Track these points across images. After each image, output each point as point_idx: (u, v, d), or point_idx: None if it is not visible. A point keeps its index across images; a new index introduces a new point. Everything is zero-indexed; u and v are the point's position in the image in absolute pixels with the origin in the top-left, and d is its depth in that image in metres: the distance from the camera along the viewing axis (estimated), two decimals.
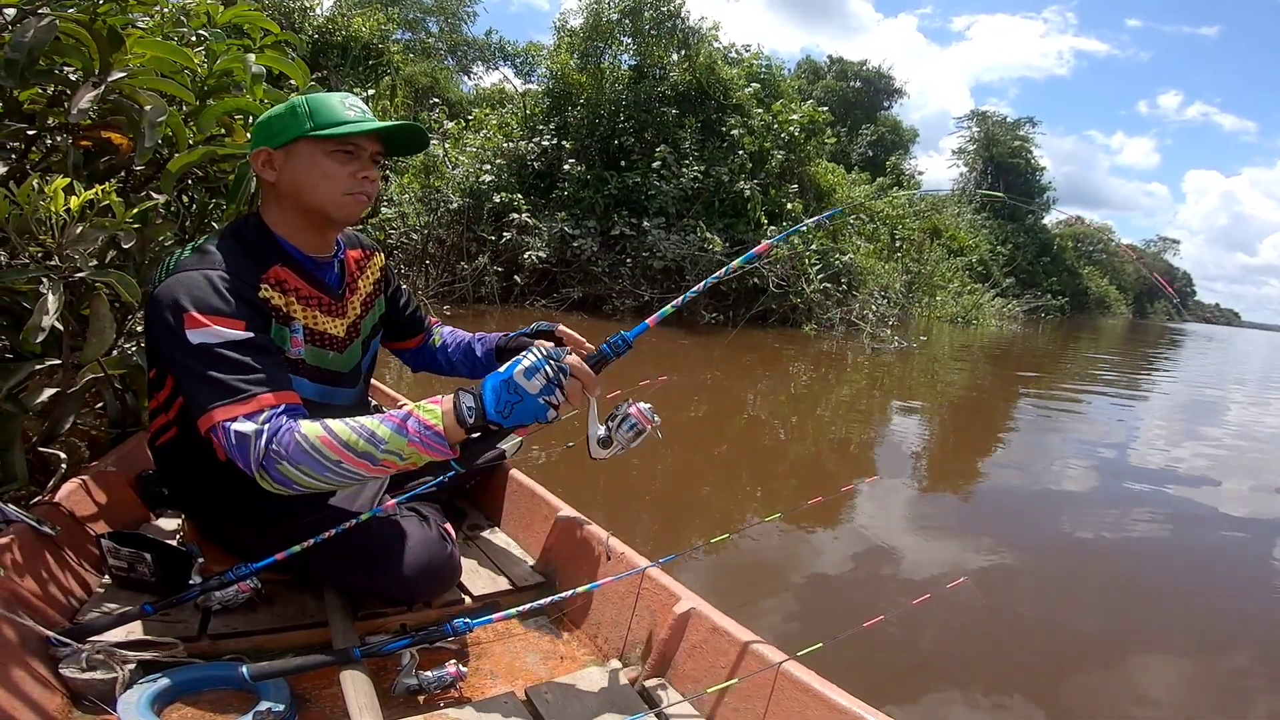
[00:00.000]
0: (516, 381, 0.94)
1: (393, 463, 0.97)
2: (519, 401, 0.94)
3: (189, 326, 0.99)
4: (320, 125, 1.08)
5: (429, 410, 0.97)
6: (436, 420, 0.96)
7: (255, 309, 1.06)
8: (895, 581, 2.53)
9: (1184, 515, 3.69)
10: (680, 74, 11.55)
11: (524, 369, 0.95)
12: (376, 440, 0.96)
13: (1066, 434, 5.64)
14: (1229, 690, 2.07)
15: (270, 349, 1.07)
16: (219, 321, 1.00)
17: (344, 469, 0.96)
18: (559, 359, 0.96)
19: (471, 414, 0.95)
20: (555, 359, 0.95)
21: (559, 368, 0.95)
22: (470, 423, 0.95)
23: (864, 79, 33.17)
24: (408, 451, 0.96)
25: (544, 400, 0.95)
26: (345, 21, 14.71)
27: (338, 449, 0.95)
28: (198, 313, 0.99)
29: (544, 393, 0.94)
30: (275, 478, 0.96)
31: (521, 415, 0.95)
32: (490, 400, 0.95)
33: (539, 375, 0.94)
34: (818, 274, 11.05)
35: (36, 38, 1.05)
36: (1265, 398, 9.77)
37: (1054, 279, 32.02)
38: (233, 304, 1.02)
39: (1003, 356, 12.05)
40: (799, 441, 4.74)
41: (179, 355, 1.01)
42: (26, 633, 0.97)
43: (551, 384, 0.95)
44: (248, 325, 1.03)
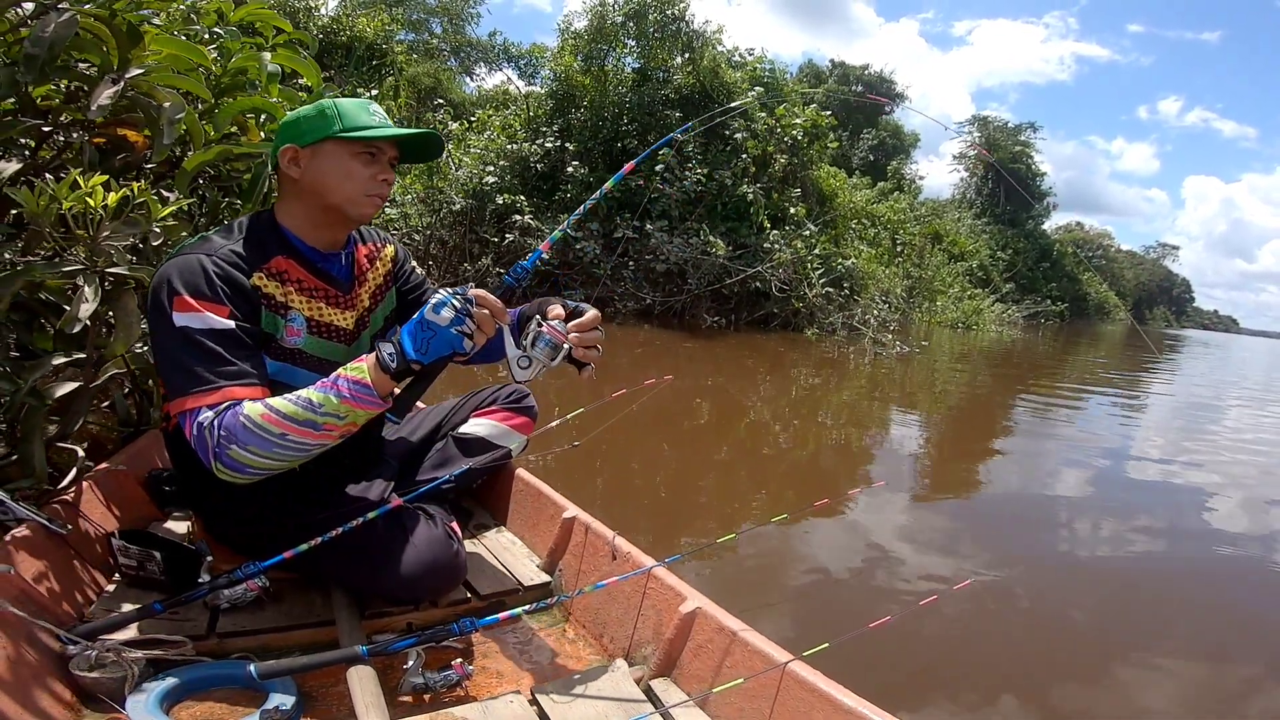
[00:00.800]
0: (428, 319, 1.00)
1: (333, 424, 1.02)
2: (433, 336, 1.00)
3: (176, 309, 1.03)
4: (348, 128, 1.14)
5: (355, 368, 1.02)
6: (363, 374, 1.01)
7: (244, 296, 1.09)
8: (901, 583, 2.53)
9: (1185, 523, 3.69)
10: (684, 77, 11.56)
11: (432, 306, 1.00)
12: (314, 406, 1.00)
13: (1067, 441, 5.65)
14: (1231, 695, 2.07)
15: (250, 342, 1.09)
16: (206, 306, 1.04)
17: (289, 441, 1.00)
18: (464, 292, 1.02)
19: (393, 359, 1.00)
20: (460, 292, 1.01)
21: (465, 299, 1.01)
22: (394, 368, 1.00)
23: (866, 83, 33.22)
24: (344, 410, 1.01)
25: (456, 330, 1.00)
26: (350, 22, 14.74)
27: (279, 422, 0.99)
28: (186, 295, 1.03)
29: (455, 323, 1.00)
30: (228, 464, 1.00)
31: (439, 348, 1.00)
32: (408, 342, 1.01)
33: (447, 308, 1.00)
34: (820, 278, 11.05)
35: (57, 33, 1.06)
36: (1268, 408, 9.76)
37: (1054, 285, 32.01)
38: (221, 289, 1.06)
39: (1003, 362, 12.05)
40: (804, 445, 4.75)
41: (162, 336, 1.05)
42: (36, 631, 0.98)
43: (460, 314, 1.00)
44: (233, 312, 1.06)
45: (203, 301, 1.04)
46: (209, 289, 1.05)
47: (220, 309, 1.05)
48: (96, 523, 1.30)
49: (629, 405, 1.48)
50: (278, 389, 1.15)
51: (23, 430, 1.17)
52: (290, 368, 1.18)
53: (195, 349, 1.02)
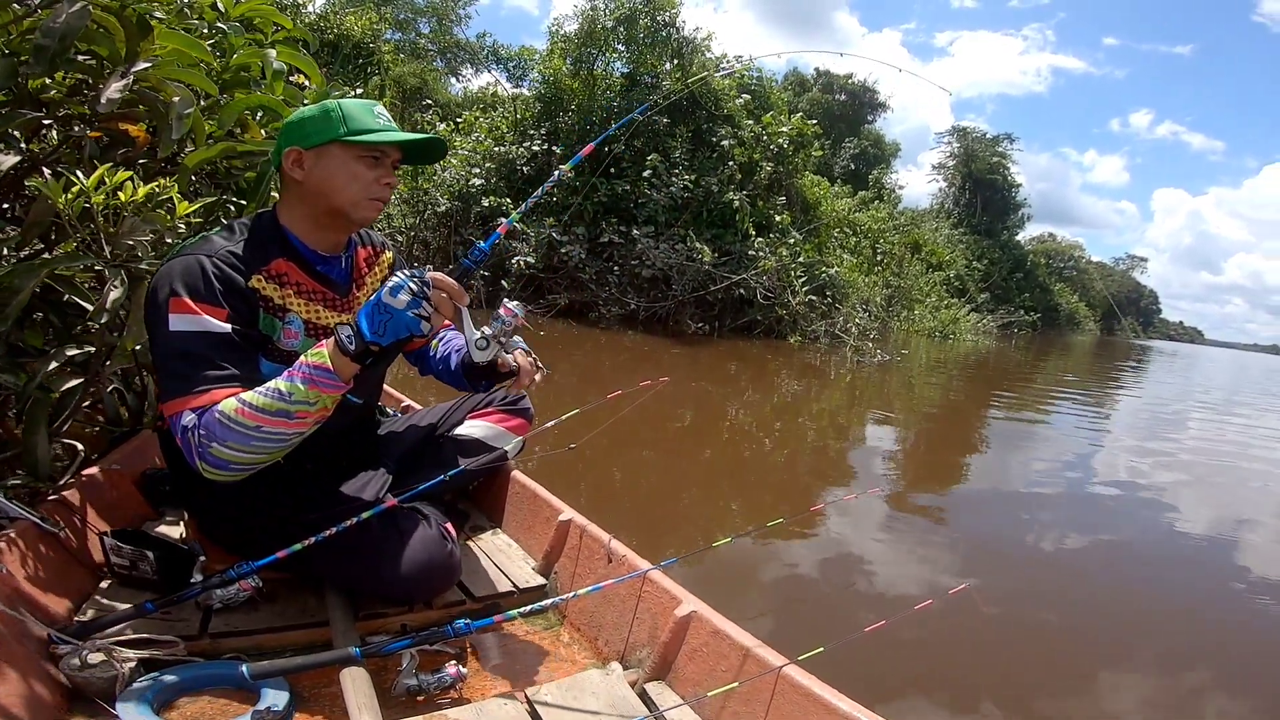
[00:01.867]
0: (385, 301, 1.00)
1: (305, 412, 1.02)
2: (390, 318, 1.00)
3: (172, 310, 1.03)
4: (354, 131, 1.13)
5: (316, 352, 1.03)
6: (323, 359, 1.02)
7: (242, 298, 1.09)
8: (896, 587, 2.57)
9: (1166, 530, 3.80)
10: (673, 83, 11.62)
11: (389, 288, 1.00)
12: (284, 395, 1.01)
13: (1049, 449, 5.77)
14: (1197, 699, 2.13)
15: (245, 345, 1.09)
16: (203, 308, 1.04)
17: (265, 433, 1.01)
18: (421, 274, 1.02)
19: (351, 341, 1.01)
20: (418, 275, 1.02)
21: (422, 281, 1.01)
22: (352, 350, 1.01)
23: (849, 92, 33.68)
24: (312, 396, 1.02)
25: (413, 313, 1.00)
26: (337, 20, 14.60)
27: (253, 414, 1.00)
28: (184, 296, 1.03)
29: (411, 305, 1.00)
30: (211, 462, 1.01)
31: (396, 329, 1.00)
32: (365, 324, 1.01)
33: (404, 291, 1.00)
34: (803, 286, 11.17)
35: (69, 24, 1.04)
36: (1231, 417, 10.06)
37: (1026, 295, 32.65)
38: (218, 291, 1.06)
39: (980, 371, 12.27)
40: (795, 451, 4.79)
41: (157, 338, 1.05)
42: (28, 630, 0.97)
43: (417, 297, 1.00)
44: (230, 315, 1.07)
45: (200, 303, 1.04)
46: (206, 290, 1.05)
47: (217, 311, 1.05)
48: (89, 522, 1.28)
49: (625, 407, 1.49)
50: None
51: (27, 424, 1.15)
52: None
53: (188, 352, 1.02)
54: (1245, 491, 5.04)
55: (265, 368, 1.14)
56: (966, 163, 33.76)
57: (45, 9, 1.10)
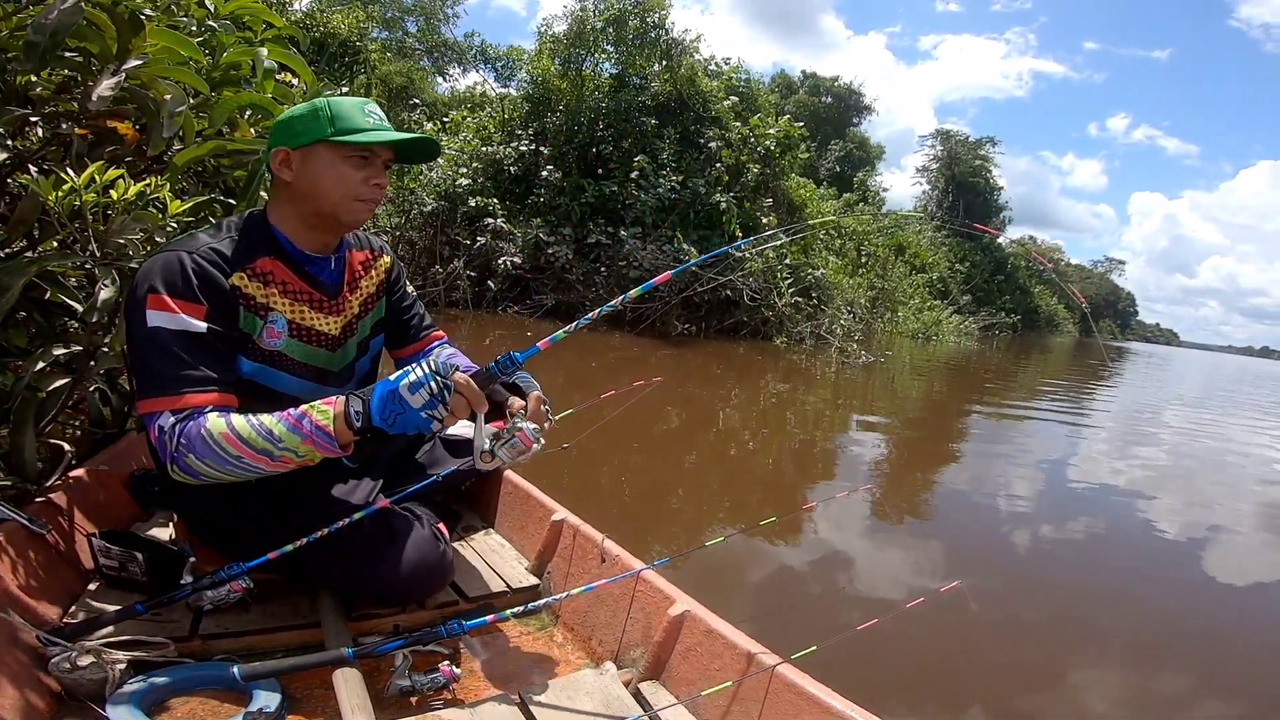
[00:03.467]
0: (401, 395, 0.98)
1: (289, 459, 1.01)
2: (402, 413, 0.98)
3: (150, 306, 1.02)
4: (341, 131, 1.11)
5: (322, 411, 1.01)
6: (328, 422, 1.00)
7: (221, 295, 1.08)
8: (888, 586, 2.59)
9: (1159, 524, 3.88)
10: (661, 84, 11.66)
11: (409, 384, 0.98)
12: (274, 439, 1.00)
13: (1033, 447, 5.86)
14: (1178, 699, 2.18)
15: (221, 344, 1.08)
16: (181, 306, 1.03)
17: (244, 464, 1.00)
18: (445, 374, 0.99)
19: (359, 418, 0.99)
20: (442, 375, 0.98)
21: (444, 384, 0.98)
22: (357, 426, 1.00)
23: (835, 95, 33.97)
24: (303, 450, 1.01)
25: (427, 414, 0.98)
26: (324, 18, 14.46)
27: (238, 445, 0.99)
28: (162, 293, 1.03)
29: (427, 407, 0.97)
30: (183, 468, 1.01)
31: (405, 425, 0.99)
32: (376, 408, 0.99)
33: (423, 391, 0.97)
34: (789, 288, 11.25)
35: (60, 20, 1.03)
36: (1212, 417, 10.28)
37: (1007, 297, 33.13)
38: (197, 288, 1.05)
39: (963, 372, 12.42)
40: (784, 451, 4.82)
41: (135, 335, 1.04)
42: (16, 631, 0.95)
43: (435, 400, 0.97)
44: (209, 312, 1.05)
45: (178, 300, 1.03)
46: (185, 287, 1.04)
47: (195, 308, 1.04)
48: (78, 523, 1.26)
49: (619, 407, 1.50)
50: (254, 390, 1.14)
51: (14, 423, 1.13)
52: (268, 369, 1.17)
53: (164, 351, 1.02)
54: (1225, 488, 5.15)
55: (245, 366, 1.14)
56: (949, 165, 34.19)
57: (36, 5, 1.09)
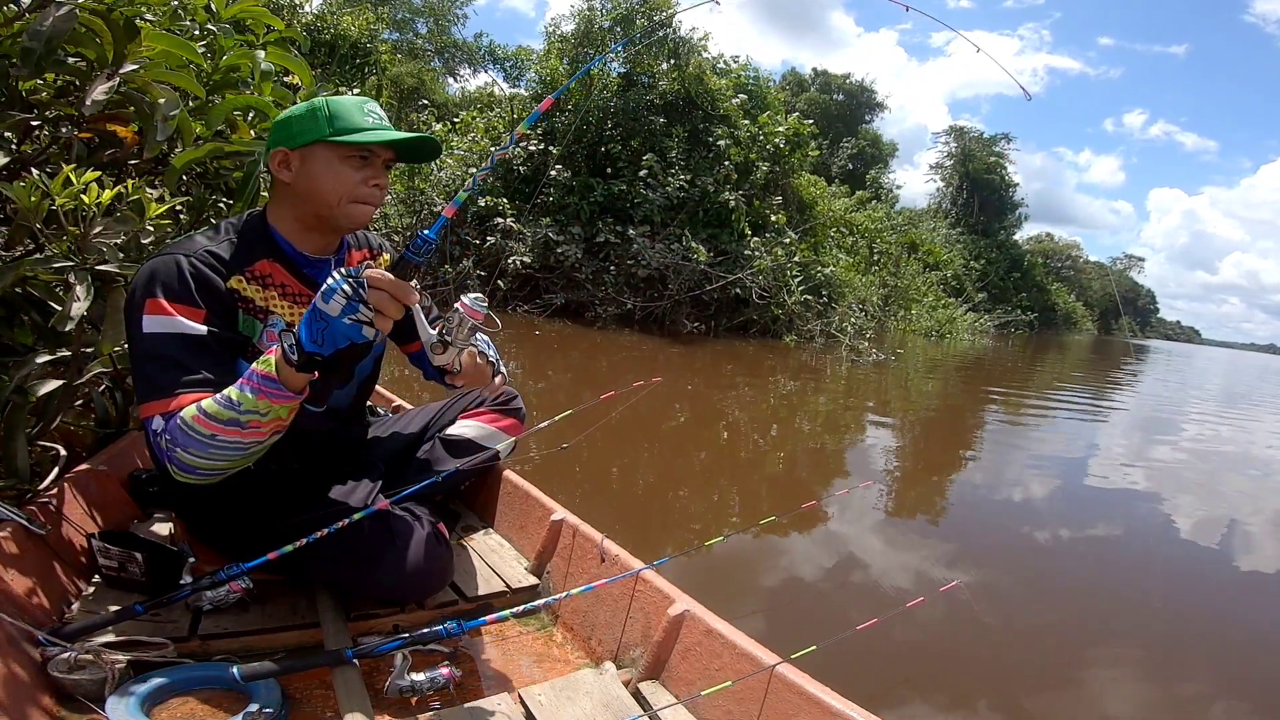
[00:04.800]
0: (319, 308, 0.92)
1: (256, 421, 0.97)
2: (326, 326, 0.92)
3: (148, 310, 1.02)
4: (339, 131, 1.10)
5: (264, 361, 0.97)
6: (270, 368, 0.96)
7: (218, 298, 1.07)
8: (888, 585, 2.57)
9: (1156, 529, 3.81)
10: (669, 83, 11.63)
11: (322, 293, 0.92)
12: (234, 404, 0.96)
13: (1043, 447, 5.78)
14: (1190, 700, 2.14)
15: (219, 347, 1.07)
16: (178, 309, 1.02)
17: (220, 441, 0.97)
18: (356, 275, 0.92)
19: (293, 350, 0.94)
20: (353, 275, 0.92)
21: (356, 283, 0.91)
22: (294, 359, 0.94)
23: (847, 92, 33.76)
24: (262, 406, 0.96)
25: (350, 319, 0.91)
26: (334, 20, 14.59)
27: (207, 423, 0.97)
28: (160, 297, 1.02)
29: (347, 311, 0.91)
30: (179, 467, 1.00)
31: (334, 338, 0.92)
32: (304, 333, 0.94)
33: (337, 295, 0.91)
34: (799, 286, 11.18)
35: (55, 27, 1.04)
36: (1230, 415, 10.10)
37: (1024, 295, 32.76)
38: (195, 291, 1.04)
39: (977, 370, 12.29)
40: (785, 450, 4.79)
41: (133, 339, 1.04)
42: (15, 632, 0.96)
43: (354, 301, 0.91)
44: (207, 316, 1.05)
45: (175, 304, 1.02)
46: (182, 290, 1.03)
47: (193, 312, 1.04)
48: (77, 523, 1.27)
49: (618, 407, 1.49)
50: None
51: (6, 427, 1.14)
52: None
53: (161, 354, 1.01)
54: (1241, 490, 5.05)
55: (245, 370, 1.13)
56: (964, 162, 33.85)
57: (33, 12, 1.10)
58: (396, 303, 0.93)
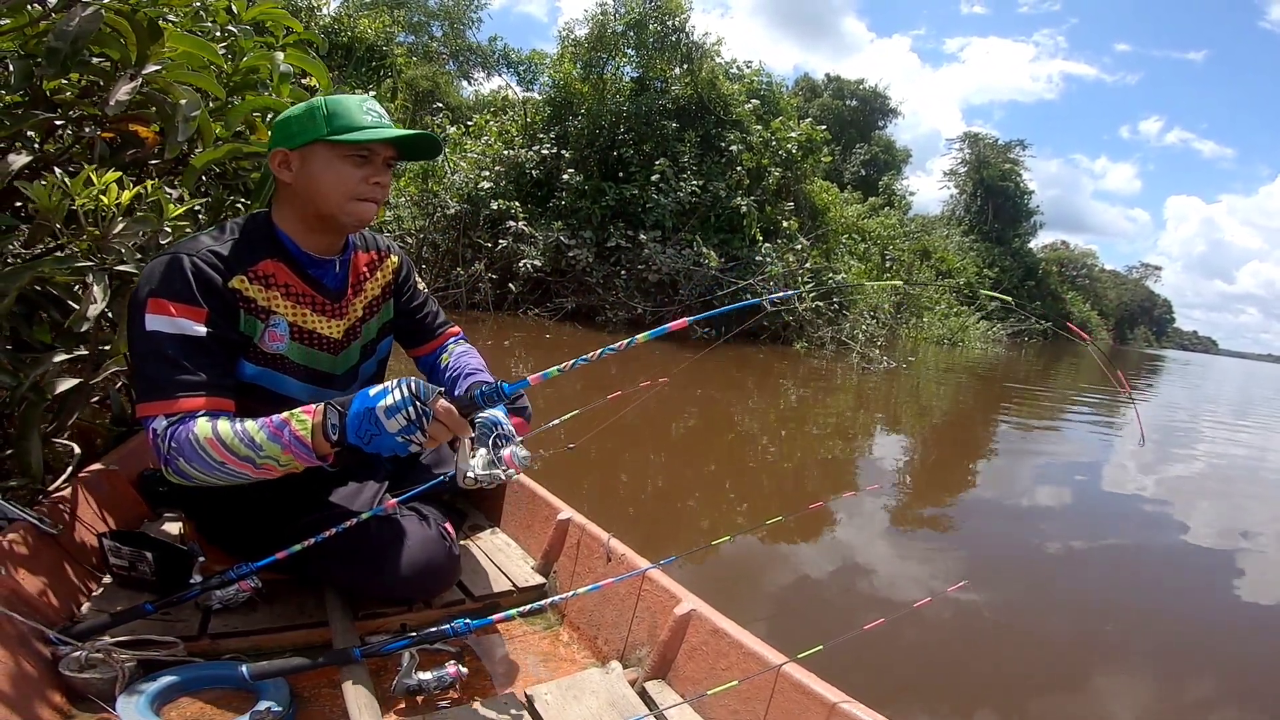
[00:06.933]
0: (378, 416, 0.95)
1: (272, 466, 1.00)
2: (378, 435, 0.96)
3: (150, 310, 1.02)
4: (337, 130, 1.09)
5: (301, 421, 0.99)
6: (306, 433, 0.99)
7: (220, 298, 1.08)
8: (895, 586, 2.56)
9: (1162, 537, 3.76)
10: (682, 88, 11.66)
11: (385, 407, 0.95)
12: (255, 446, 0.99)
13: (1051, 456, 5.72)
14: (1194, 707, 2.10)
15: (220, 347, 1.08)
16: (179, 309, 1.03)
17: (228, 470, 1.00)
18: (426, 399, 0.96)
19: (335, 432, 0.98)
20: (422, 400, 0.96)
21: (422, 411, 0.95)
22: (333, 439, 0.98)
23: (860, 98, 33.67)
24: (284, 459, 1.00)
25: (403, 439, 0.96)
26: (351, 23, 14.77)
27: (221, 450, 0.99)
28: (161, 296, 1.02)
29: (403, 432, 0.95)
30: (175, 470, 1.01)
31: (379, 446, 0.97)
32: (352, 425, 0.97)
33: (400, 416, 0.95)
34: (810, 292, 11.14)
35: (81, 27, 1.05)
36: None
37: (1038, 303, 32.44)
38: (195, 291, 1.04)
39: (988, 379, 12.18)
40: (793, 455, 4.77)
41: (134, 337, 1.04)
42: (26, 631, 0.97)
43: (413, 425, 0.95)
44: (209, 316, 1.05)
45: (177, 303, 1.03)
46: (184, 289, 1.04)
47: (195, 311, 1.04)
48: (88, 523, 1.28)
49: (625, 407, 1.48)
50: (257, 393, 1.15)
51: (20, 426, 1.16)
52: (272, 373, 1.17)
53: (161, 355, 1.01)
54: (1252, 502, 4.97)
55: (248, 370, 1.14)
56: (978, 169, 33.63)
57: (59, 12, 1.12)
58: (450, 434, 0.99)
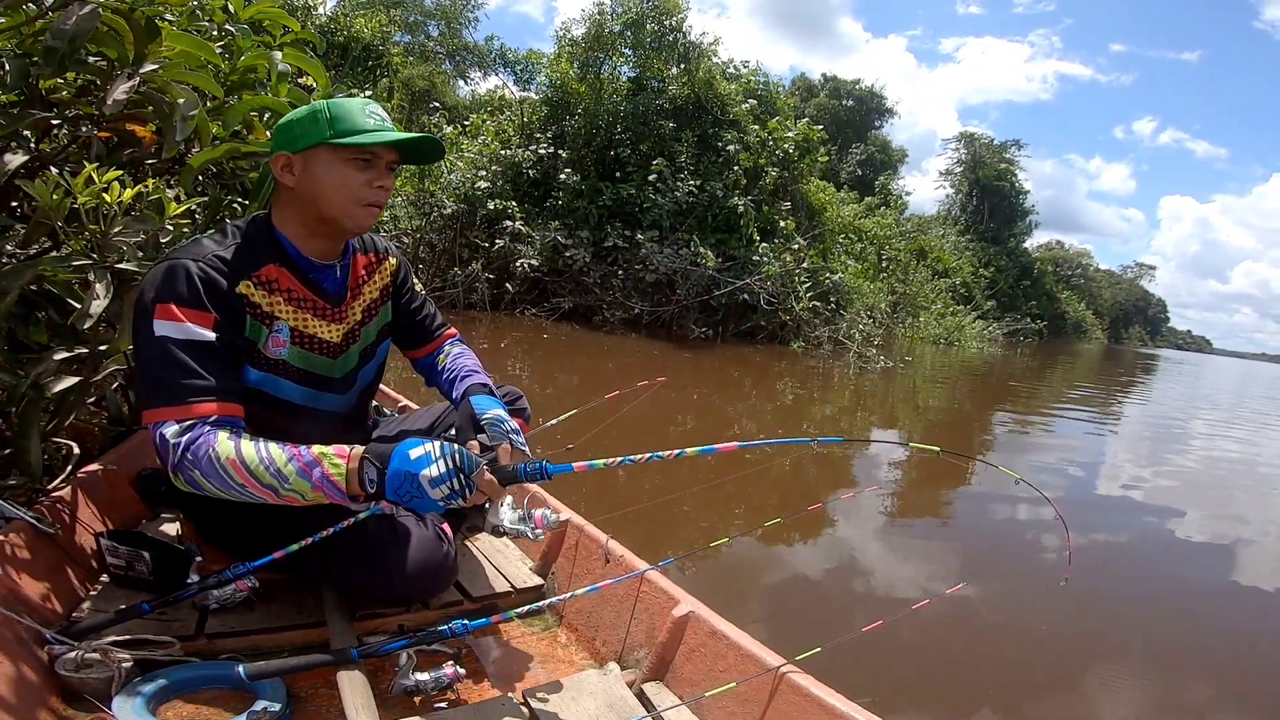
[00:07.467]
0: (421, 483, 0.96)
1: (295, 499, 1.00)
2: (418, 497, 0.97)
3: (157, 315, 1.01)
4: (340, 133, 1.09)
5: (335, 465, 0.99)
6: (340, 478, 0.99)
7: (227, 303, 1.07)
8: (893, 588, 2.56)
9: (1159, 539, 3.77)
10: (679, 87, 11.66)
11: (431, 478, 0.96)
12: (282, 478, 0.99)
13: (1050, 455, 5.74)
14: (1193, 708, 2.11)
15: (228, 353, 1.07)
16: (187, 315, 1.02)
17: (248, 492, 0.99)
18: (470, 471, 0.98)
19: (372, 486, 0.98)
20: (466, 472, 0.97)
21: (466, 484, 0.97)
22: (370, 493, 0.99)
23: (856, 98, 33.69)
24: (310, 496, 1.00)
25: (443, 503, 0.98)
26: (347, 22, 14.73)
27: (244, 475, 0.98)
28: (169, 302, 1.02)
29: (446, 499, 0.97)
30: (187, 480, 1.00)
31: (418, 507, 0.99)
32: (391, 485, 0.97)
33: (444, 486, 0.97)
34: (807, 292, 11.16)
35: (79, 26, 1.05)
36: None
37: (1033, 303, 32.55)
38: (203, 296, 1.04)
39: (984, 378, 12.21)
40: (794, 454, 4.77)
41: (141, 343, 1.03)
42: (23, 630, 0.96)
43: (455, 495, 0.97)
44: (216, 322, 1.05)
45: (184, 309, 1.02)
46: (191, 296, 1.03)
47: (203, 317, 1.03)
48: (86, 522, 1.28)
49: (623, 407, 1.49)
50: (258, 398, 1.14)
51: (19, 424, 1.15)
52: (273, 378, 1.17)
53: (170, 360, 1.01)
54: (1247, 500, 4.99)
55: (251, 375, 1.13)
56: (973, 169, 33.68)
57: (56, 10, 1.11)
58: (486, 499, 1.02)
